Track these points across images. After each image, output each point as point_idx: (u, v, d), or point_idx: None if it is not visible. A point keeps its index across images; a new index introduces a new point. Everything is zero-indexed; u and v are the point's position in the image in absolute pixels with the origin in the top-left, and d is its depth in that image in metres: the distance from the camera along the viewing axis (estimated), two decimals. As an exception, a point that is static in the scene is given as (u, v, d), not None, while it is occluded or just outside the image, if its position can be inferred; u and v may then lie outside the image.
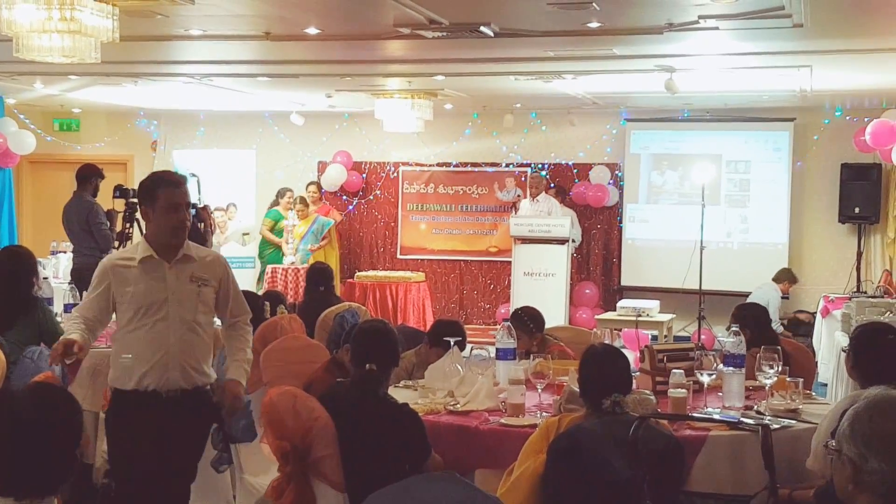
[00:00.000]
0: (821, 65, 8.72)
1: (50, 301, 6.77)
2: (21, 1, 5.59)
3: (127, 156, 14.43)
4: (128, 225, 8.38)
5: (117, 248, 8.44)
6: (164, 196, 4.16)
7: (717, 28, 7.09)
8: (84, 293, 7.15)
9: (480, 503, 2.51)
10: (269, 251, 12.23)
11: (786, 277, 11.24)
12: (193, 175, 9.15)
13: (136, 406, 4.09)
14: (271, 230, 12.27)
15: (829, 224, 11.89)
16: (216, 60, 9.35)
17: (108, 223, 8.67)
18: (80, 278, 8.15)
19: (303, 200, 12.36)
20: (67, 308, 6.86)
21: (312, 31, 7.59)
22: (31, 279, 6.01)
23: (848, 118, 11.54)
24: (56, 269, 10.71)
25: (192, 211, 8.80)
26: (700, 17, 6.80)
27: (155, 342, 4.10)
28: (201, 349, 4.25)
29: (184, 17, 7.10)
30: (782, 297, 11.24)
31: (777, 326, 10.86)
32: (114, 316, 4.31)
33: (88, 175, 8.69)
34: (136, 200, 8.36)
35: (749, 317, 5.19)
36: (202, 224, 8.95)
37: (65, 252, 10.58)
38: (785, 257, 11.78)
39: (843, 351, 4.37)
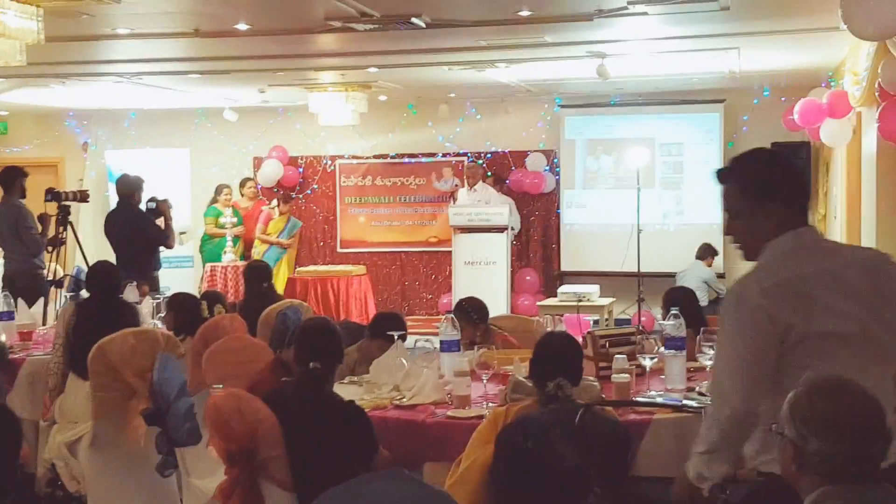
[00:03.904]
0: (748, 46, 8.85)
1: (-18, 310, 6.62)
2: (-59, 5, 5.47)
3: (57, 158, 14.18)
4: (61, 229, 8.22)
5: (50, 253, 8.29)
6: None
7: (645, 13, 7.16)
8: (18, 300, 7.07)
9: (428, 498, 2.51)
10: (209, 247, 12.12)
11: (709, 253, 11.49)
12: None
13: None
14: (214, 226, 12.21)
15: (761, 203, 12.05)
16: (145, 59, 9.22)
17: (40, 227, 8.49)
18: (12, 285, 7.98)
19: (286, 198, 12.59)
20: (2, 316, 6.72)
21: (242, 26, 7.53)
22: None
23: (776, 98, 11.73)
24: (-12, 277, 10.47)
25: (152, 205, 8.75)
26: (629, 2, 6.86)
27: None
28: None
29: (110, 15, 6.99)
30: (718, 276, 11.45)
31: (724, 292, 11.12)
32: None
33: (11, 177, 8.47)
34: (68, 204, 8.26)
35: (680, 300, 5.24)
36: (162, 219, 8.83)
37: (-3, 259, 10.35)
38: (720, 237, 11.93)
39: None
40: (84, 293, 6.55)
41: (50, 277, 8.16)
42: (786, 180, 2.98)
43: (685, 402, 4.16)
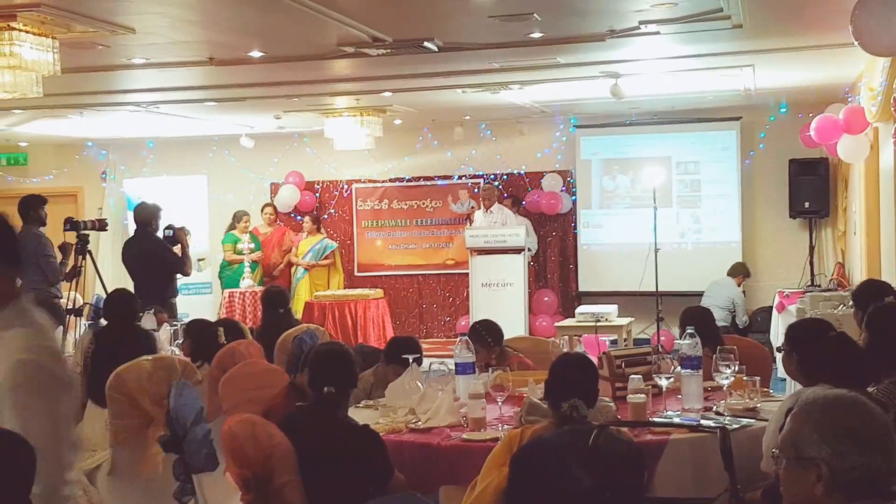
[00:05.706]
0: (763, 64, 8.84)
1: None
2: (-42, 38, 5.54)
3: (77, 187, 14.30)
4: (80, 258, 8.25)
5: (69, 282, 8.32)
6: None
7: (658, 33, 7.16)
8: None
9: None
10: (228, 273, 12.16)
11: (741, 271, 11.45)
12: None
13: None
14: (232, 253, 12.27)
15: (780, 220, 12.02)
16: (161, 88, 9.28)
17: (60, 255, 8.50)
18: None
19: (314, 220, 12.81)
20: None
21: (256, 54, 7.58)
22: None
23: (793, 114, 11.70)
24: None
25: (170, 232, 8.79)
26: (641, 22, 6.86)
27: None
28: None
29: (126, 46, 7.05)
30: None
31: (744, 320, 11.09)
32: None
33: (29, 206, 8.46)
34: (87, 233, 8.31)
35: (696, 320, 5.23)
36: (179, 246, 8.86)
37: (17, 288, 10.38)
38: (739, 255, 11.90)
39: (779, 350, 4.39)
40: (102, 321, 6.58)
41: (69, 306, 8.18)
42: (12, 243, 2.87)
43: (702, 421, 4.14)
